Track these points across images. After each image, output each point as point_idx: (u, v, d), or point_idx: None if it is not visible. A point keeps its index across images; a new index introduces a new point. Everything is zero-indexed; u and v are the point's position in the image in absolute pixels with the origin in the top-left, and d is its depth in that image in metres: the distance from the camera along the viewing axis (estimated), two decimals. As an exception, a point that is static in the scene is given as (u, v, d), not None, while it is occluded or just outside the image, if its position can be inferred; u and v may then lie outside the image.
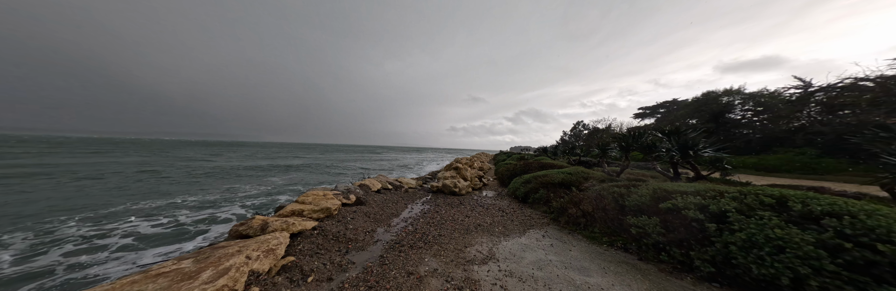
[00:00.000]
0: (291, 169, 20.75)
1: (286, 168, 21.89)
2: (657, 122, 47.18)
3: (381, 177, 8.31)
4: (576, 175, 6.65)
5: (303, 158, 36.92)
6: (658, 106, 51.81)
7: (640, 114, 52.12)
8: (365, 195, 5.80)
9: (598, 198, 4.51)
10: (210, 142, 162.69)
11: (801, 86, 22.69)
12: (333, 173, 19.80)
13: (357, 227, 4.04)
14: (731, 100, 21.24)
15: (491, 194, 8.76)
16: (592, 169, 8.52)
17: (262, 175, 16.63)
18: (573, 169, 7.57)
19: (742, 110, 21.91)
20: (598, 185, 5.12)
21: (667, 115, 47.39)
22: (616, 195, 4.08)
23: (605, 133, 31.02)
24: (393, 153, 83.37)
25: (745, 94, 20.32)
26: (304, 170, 20.63)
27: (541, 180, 6.77)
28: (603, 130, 31.87)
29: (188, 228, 6.09)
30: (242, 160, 28.97)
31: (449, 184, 8.17)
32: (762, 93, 21.15)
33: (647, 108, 52.29)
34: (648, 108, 52.23)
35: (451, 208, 6.26)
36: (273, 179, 14.98)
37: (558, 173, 6.90)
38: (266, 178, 15.15)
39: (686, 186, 3.51)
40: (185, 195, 9.69)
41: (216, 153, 40.51)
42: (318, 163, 29.47)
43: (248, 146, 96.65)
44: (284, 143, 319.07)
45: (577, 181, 6.16)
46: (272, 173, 17.75)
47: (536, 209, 6.12)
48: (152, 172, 15.28)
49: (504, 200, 7.54)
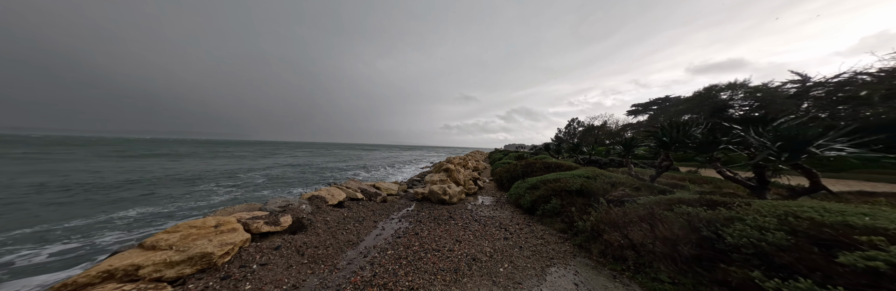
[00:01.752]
0: (256, 173, 17.76)
1: (249, 171, 19.23)
2: (650, 120, 46.59)
3: (351, 183, 6.58)
4: (597, 179, 5.08)
5: (283, 158, 34.66)
6: (650, 103, 51.24)
7: (634, 111, 51.50)
8: (312, 213, 4.08)
9: (653, 220, 2.93)
10: (200, 141, 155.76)
11: (798, 80, 21.88)
12: (300, 178, 16.10)
13: (260, 287, 2.37)
14: (733, 94, 20.17)
15: (488, 201, 7.15)
16: (607, 169, 7.00)
17: (208, 182, 13.16)
18: (588, 170, 6.01)
19: (741, 106, 20.93)
20: (643, 198, 3.54)
21: (661, 112, 46.82)
22: (696, 219, 2.49)
23: (601, 129, 29.87)
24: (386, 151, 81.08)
25: (750, 88, 19.27)
26: (269, 175, 16.77)
27: (552, 186, 5.18)
28: (599, 127, 30.72)
29: None
30: (211, 162, 26.58)
31: (437, 191, 6.52)
32: (763, 87, 20.13)
33: (639, 105, 51.66)
34: (641, 105, 51.61)
35: (437, 225, 4.61)
36: (214, 189, 11.46)
37: (573, 176, 5.32)
38: (207, 187, 11.91)
39: (848, 209, 1.96)
40: (23, 225, 6.03)
41: (193, 153, 37.73)
42: (298, 163, 27.33)
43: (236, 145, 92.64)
44: (277, 142, 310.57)
45: (601, 188, 4.59)
46: (223, 179, 14.52)
47: (550, 225, 4.53)
48: (63, 181, 11.55)
49: (504, 210, 5.94)
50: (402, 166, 29.06)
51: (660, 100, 50.67)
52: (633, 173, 5.10)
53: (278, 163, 26.33)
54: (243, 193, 11.17)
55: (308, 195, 4.74)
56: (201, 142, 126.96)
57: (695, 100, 21.91)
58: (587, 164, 8.73)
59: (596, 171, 5.62)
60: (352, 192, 5.64)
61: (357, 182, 6.89)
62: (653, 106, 50.59)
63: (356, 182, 6.86)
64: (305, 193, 4.90)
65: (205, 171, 17.92)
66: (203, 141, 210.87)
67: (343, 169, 22.72)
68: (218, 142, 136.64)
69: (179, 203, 8.79)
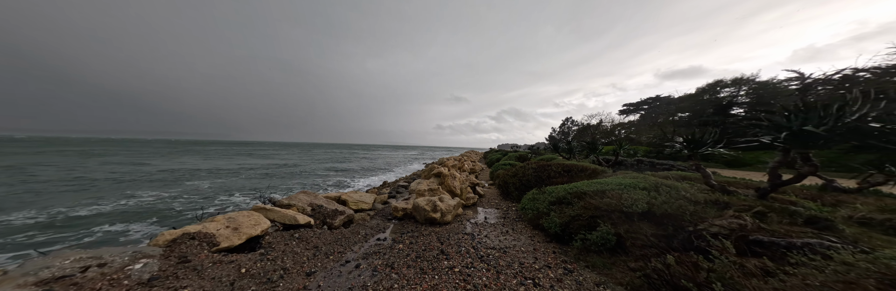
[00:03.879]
0: (198, 178, 15.00)
1: (193, 174, 16.37)
2: (642, 119, 46.24)
3: (301, 197, 4.56)
4: (660, 191, 3.32)
5: (256, 159, 31.85)
6: (641, 102, 51.05)
7: (625, 111, 51.19)
8: (149, 284, 2.05)
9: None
10: (182, 142, 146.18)
11: (795, 78, 21.27)
12: (253, 186, 12.72)
13: None
14: (736, 90, 19.21)
15: (493, 216, 5.31)
16: (644, 173, 5.30)
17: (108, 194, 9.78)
18: (631, 177, 4.27)
19: (741, 103, 20.03)
20: (805, 236, 1.76)
21: (652, 111, 46.53)
22: None
23: (597, 129, 28.74)
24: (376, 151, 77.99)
25: (756, 83, 18.32)
26: (216, 185, 13.18)
27: (593, 203, 3.38)
28: (595, 126, 29.60)
29: None
30: (170, 162, 23.59)
31: (424, 206, 4.62)
32: (768, 83, 19.26)
33: (631, 105, 51.40)
34: (632, 105, 51.36)
35: (419, 274, 2.73)
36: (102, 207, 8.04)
37: (623, 187, 3.54)
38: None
39: None
40: None
41: (159, 153, 34.23)
42: (268, 165, 24.75)
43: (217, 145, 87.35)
44: (263, 142, 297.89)
45: (686, 210, 2.81)
46: (149, 186, 11.73)
47: (606, 272, 2.73)
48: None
49: (520, 234, 4.10)
50: (390, 168, 26.83)
51: (650, 99, 50.54)
52: (712, 181, 3.37)
53: (247, 166, 23.66)
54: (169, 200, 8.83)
55: (176, 233, 2.61)
56: (184, 142, 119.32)
57: (695, 98, 20.88)
58: (611, 166, 7.04)
59: (649, 179, 3.88)
60: (290, 216, 3.63)
61: (310, 195, 4.87)
62: (643, 105, 50.41)
63: (309, 195, 4.84)
64: (171, 231, 2.65)
65: (137, 173, 15.31)
66: (185, 141, 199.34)
67: (318, 174, 19.62)
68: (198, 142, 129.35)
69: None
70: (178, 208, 8.57)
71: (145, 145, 72.14)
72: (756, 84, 18.50)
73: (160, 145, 75.65)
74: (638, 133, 28.83)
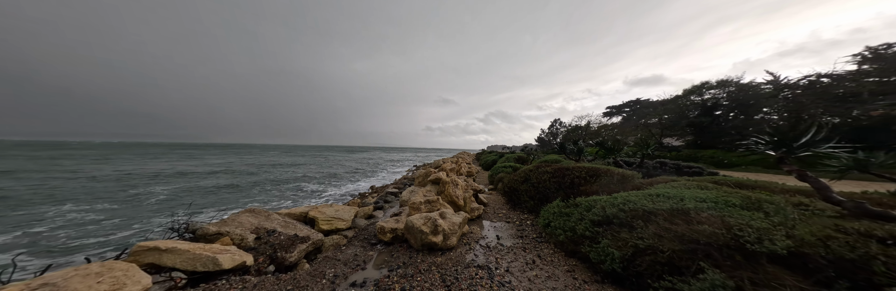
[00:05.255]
0: (162, 187, 12.39)
1: (156, 182, 14.07)
2: (624, 121, 47.47)
3: (238, 221, 3.12)
4: (762, 207, 2.29)
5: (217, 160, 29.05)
6: (623, 105, 52.60)
7: (608, 113, 52.47)
8: None
9: None
10: (146, 144, 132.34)
11: (772, 80, 22.14)
12: (203, 201, 9.72)
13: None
14: (720, 92, 19.50)
15: (505, 234, 4.12)
16: (684, 178, 4.36)
17: None
18: (718, 191, 3.27)
19: (721, 104, 20.44)
20: None
21: (634, 113, 47.90)
22: None
23: (585, 130, 28.72)
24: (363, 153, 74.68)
25: (742, 85, 18.64)
26: (163, 198, 10.38)
27: (676, 230, 2.29)
28: (584, 127, 29.61)
29: None
30: (98, 165, 20.53)
31: (421, 227, 3.34)
32: (748, 86, 19.73)
33: (613, 107, 52.82)
34: (615, 107, 52.80)
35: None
36: None
37: (720, 207, 2.47)
38: None
39: None
40: None
41: (87, 156, 30.33)
42: (243, 170, 22.33)
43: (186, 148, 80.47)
44: (246, 145, 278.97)
45: (870, 253, 1.76)
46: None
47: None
48: None
49: (555, 269, 2.91)
50: (376, 171, 24.99)
51: (631, 102, 52.19)
52: (843, 199, 2.37)
53: (218, 170, 21.09)
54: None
55: None
56: (143, 145, 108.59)
57: (681, 99, 21.05)
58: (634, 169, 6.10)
59: (732, 192, 2.86)
60: (206, 257, 2.18)
61: (260, 214, 3.42)
62: (625, 108, 51.94)
63: (258, 214, 3.40)
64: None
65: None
66: (151, 144, 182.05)
67: (289, 180, 16.39)
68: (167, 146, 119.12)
69: None
70: (42, 243, 5.61)
71: (92, 148, 64.50)
72: (735, 87, 18.87)
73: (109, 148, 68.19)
74: (622, 134, 29.10)
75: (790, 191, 3.36)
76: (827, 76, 19.20)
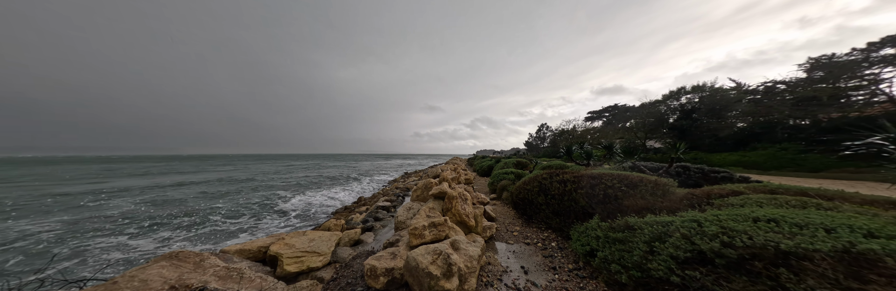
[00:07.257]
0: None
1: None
2: (605, 125, 49.13)
3: (142, 277, 1.96)
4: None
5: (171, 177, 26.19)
6: (603, 110, 54.74)
7: (590, 118, 54.28)
8: None
9: None
10: (104, 158, 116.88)
11: (735, 87, 23.64)
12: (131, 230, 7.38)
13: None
14: (694, 96, 20.32)
15: (532, 265, 3.14)
16: (725, 185, 3.72)
17: None
18: (823, 212, 2.54)
19: (697, 109, 21.30)
20: None
21: (613, 117, 49.77)
22: None
23: (572, 134, 29.04)
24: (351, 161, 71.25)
25: (715, 89, 19.50)
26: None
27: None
28: (570, 131, 29.95)
29: None
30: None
31: (428, 268, 2.32)
32: (720, 89, 20.74)
33: (595, 112, 54.80)
34: (596, 112, 54.79)
35: None
36: None
37: (854, 235, 1.70)
38: None
39: None
40: None
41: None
42: (206, 191, 19.89)
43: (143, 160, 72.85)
44: (225, 155, 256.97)
45: None
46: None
47: None
48: None
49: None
50: (362, 181, 23.27)
51: (610, 107, 54.45)
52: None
53: (184, 185, 18.47)
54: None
55: None
56: (98, 159, 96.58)
57: (659, 104, 21.74)
58: (661, 175, 5.45)
59: (863, 212, 2.12)
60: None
61: (189, 258, 2.25)
62: (605, 113, 54.04)
63: (183, 260, 2.22)
64: None
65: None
66: (108, 157, 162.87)
67: (254, 196, 13.74)
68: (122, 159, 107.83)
69: None
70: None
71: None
72: (708, 92, 19.76)
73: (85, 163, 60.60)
74: (605, 137, 29.71)
75: (878, 202, 2.72)
76: (781, 83, 20.76)
